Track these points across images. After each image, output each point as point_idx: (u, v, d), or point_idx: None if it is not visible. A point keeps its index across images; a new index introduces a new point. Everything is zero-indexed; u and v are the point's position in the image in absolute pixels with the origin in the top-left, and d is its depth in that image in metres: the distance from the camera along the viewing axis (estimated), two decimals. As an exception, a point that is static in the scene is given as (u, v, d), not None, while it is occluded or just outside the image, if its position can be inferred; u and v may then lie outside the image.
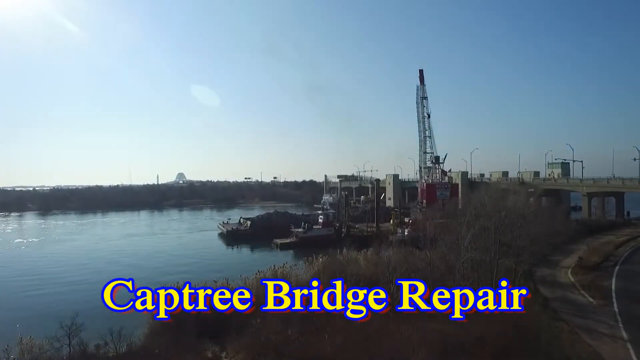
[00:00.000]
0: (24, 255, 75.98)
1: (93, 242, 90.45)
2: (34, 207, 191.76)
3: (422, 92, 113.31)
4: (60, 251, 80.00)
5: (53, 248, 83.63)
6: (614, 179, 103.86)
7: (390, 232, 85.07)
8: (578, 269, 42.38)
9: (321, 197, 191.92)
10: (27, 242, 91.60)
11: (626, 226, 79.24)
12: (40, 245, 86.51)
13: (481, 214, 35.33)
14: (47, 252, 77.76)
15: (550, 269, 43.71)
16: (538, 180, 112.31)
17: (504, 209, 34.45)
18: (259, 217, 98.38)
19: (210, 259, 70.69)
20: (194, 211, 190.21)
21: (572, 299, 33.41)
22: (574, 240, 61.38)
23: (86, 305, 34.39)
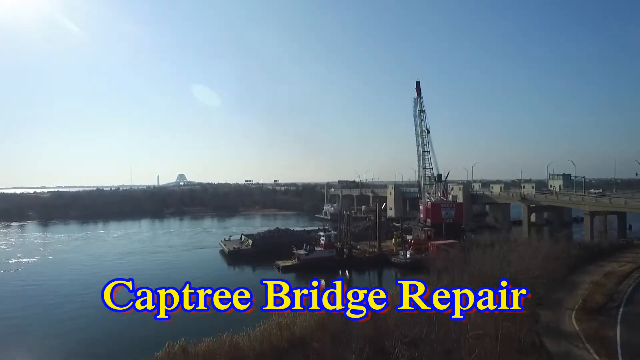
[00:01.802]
0: (8, 282, 72.68)
1: (86, 263, 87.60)
2: (34, 216, 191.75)
3: (420, 105, 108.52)
4: (49, 275, 76.41)
5: (43, 271, 79.96)
6: (615, 196, 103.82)
7: (392, 253, 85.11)
8: (582, 313, 42.26)
9: (322, 206, 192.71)
10: (21, 262, 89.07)
11: (628, 248, 79.19)
12: (30, 268, 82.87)
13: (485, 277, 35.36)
14: (33, 279, 73.64)
15: (554, 312, 43.57)
16: (539, 195, 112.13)
17: (508, 272, 34.45)
18: (260, 235, 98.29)
19: (211, 282, 69.97)
20: (194, 220, 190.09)
21: (577, 355, 33.29)
22: (577, 270, 61.49)
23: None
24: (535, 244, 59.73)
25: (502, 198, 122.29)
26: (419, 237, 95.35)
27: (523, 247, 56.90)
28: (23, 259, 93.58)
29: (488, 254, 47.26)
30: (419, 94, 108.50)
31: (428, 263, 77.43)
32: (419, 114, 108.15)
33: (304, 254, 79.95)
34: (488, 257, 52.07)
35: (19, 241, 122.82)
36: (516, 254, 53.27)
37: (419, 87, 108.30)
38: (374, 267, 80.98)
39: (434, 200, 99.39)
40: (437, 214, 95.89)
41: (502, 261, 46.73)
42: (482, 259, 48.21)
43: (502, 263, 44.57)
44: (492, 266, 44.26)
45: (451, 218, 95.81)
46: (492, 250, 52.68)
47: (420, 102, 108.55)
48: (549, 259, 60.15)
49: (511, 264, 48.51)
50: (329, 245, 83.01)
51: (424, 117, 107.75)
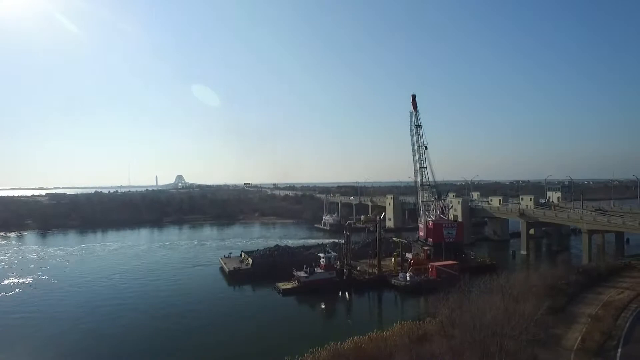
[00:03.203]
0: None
1: (80, 285, 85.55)
2: (33, 225, 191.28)
3: (416, 120, 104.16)
4: (37, 304, 73.11)
5: (30, 299, 76.60)
6: (614, 211, 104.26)
7: (392, 274, 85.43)
8: (581, 354, 42.65)
9: (321, 213, 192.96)
10: (13, 284, 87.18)
11: (627, 270, 79.70)
12: (20, 295, 79.44)
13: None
14: (21, 309, 70.46)
15: (552, 352, 43.91)
16: (538, 211, 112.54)
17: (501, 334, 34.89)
18: (260, 254, 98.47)
19: (211, 310, 69.24)
20: (193, 229, 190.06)
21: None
22: (575, 299, 61.84)
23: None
24: (534, 280, 59.68)
25: (501, 213, 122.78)
26: (418, 255, 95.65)
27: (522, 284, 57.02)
28: (16, 278, 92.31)
29: (486, 301, 46.98)
30: (415, 108, 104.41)
31: (427, 288, 78.54)
32: (415, 129, 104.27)
33: (304, 276, 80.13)
34: (486, 303, 52.48)
35: (15, 256, 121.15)
36: (516, 292, 53.78)
37: (414, 101, 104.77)
38: (374, 289, 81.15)
39: (435, 219, 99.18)
40: (438, 233, 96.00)
41: (501, 304, 47.18)
42: (480, 304, 48.17)
43: (501, 307, 44.91)
44: (492, 316, 44.53)
45: (452, 238, 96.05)
46: (491, 296, 52.57)
47: (417, 116, 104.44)
48: (549, 289, 60.97)
49: (509, 308, 48.95)
50: (329, 267, 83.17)
51: (420, 132, 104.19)
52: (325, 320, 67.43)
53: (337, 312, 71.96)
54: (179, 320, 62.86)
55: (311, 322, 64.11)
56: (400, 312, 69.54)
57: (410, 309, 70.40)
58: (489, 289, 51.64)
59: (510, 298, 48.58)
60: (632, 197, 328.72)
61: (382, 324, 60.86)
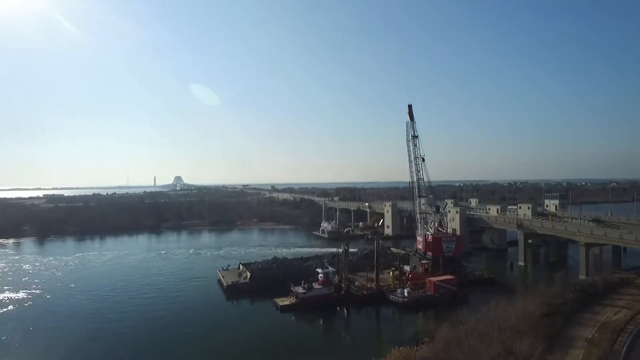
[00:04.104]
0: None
1: (72, 304, 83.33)
2: (31, 232, 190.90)
3: (413, 130, 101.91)
4: (22, 328, 70.18)
5: (15, 323, 73.36)
6: (611, 227, 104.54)
7: (390, 289, 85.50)
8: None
9: (319, 219, 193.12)
10: (2, 302, 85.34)
11: (624, 286, 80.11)
12: (8, 315, 77.97)
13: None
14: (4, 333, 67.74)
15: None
16: (536, 222, 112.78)
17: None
18: (258, 267, 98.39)
19: (209, 332, 68.28)
20: (191, 235, 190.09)
21: None
22: (572, 320, 62.04)
23: None
24: (530, 304, 59.63)
25: (499, 223, 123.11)
26: (416, 269, 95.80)
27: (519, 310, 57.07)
28: (10, 293, 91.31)
29: (483, 335, 47.15)
30: (412, 118, 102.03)
31: (425, 304, 78.78)
32: (412, 140, 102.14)
33: (302, 292, 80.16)
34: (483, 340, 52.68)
35: (10, 267, 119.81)
36: (513, 315, 54.00)
37: (411, 111, 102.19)
38: (372, 305, 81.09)
39: (434, 233, 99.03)
40: (438, 247, 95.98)
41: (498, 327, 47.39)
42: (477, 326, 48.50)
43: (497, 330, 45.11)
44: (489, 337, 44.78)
45: (452, 252, 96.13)
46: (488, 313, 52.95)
47: (413, 126, 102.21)
48: (546, 309, 61.20)
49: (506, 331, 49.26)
50: (327, 283, 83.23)
51: (417, 143, 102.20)
52: (324, 342, 66.59)
53: (335, 331, 71.67)
54: (177, 345, 62.15)
55: (309, 345, 63.22)
56: (398, 330, 69.47)
57: (408, 327, 70.39)
58: (485, 321, 51.92)
59: (507, 329, 48.67)
60: (629, 201, 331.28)
61: (380, 345, 61.16)
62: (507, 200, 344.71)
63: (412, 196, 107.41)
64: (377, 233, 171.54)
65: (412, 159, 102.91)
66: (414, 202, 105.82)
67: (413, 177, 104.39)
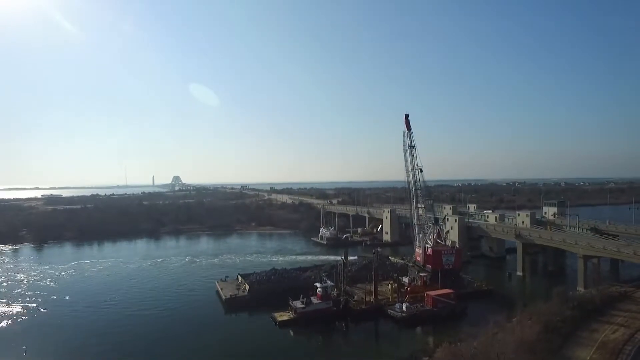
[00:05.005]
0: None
1: (62, 320, 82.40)
2: (29, 237, 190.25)
3: (410, 140, 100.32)
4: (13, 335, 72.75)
5: (10, 330, 76.31)
6: (609, 238, 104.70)
7: (389, 303, 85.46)
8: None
9: (318, 223, 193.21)
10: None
11: (622, 301, 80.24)
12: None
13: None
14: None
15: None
16: (534, 232, 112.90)
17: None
18: (257, 279, 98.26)
19: (209, 348, 68.58)
20: (190, 240, 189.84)
21: None
22: (570, 339, 62.08)
23: None
24: (526, 327, 59.53)
25: (497, 233, 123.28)
26: (415, 281, 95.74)
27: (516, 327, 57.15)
28: (3, 307, 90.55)
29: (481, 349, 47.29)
30: (409, 128, 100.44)
31: (424, 319, 78.80)
32: (409, 150, 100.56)
33: (300, 307, 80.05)
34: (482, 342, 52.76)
35: (5, 276, 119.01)
36: (510, 338, 54.00)
37: (408, 121, 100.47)
38: (371, 319, 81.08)
39: (433, 245, 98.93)
40: (437, 260, 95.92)
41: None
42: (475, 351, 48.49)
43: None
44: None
45: (451, 264, 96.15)
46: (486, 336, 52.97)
47: (410, 136, 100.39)
48: (543, 331, 61.27)
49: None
50: (326, 297, 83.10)
51: (414, 153, 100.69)
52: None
53: (333, 348, 71.45)
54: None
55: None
56: (396, 347, 69.08)
57: (407, 344, 70.01)
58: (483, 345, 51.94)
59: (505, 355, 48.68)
60: (627, 202, 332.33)
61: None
62: (505, 203, 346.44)
63: (410, 206, 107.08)
64: (375, 239, 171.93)
65: (410, 169, 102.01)
66: (412, 212, 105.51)
67: (411, 187, 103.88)
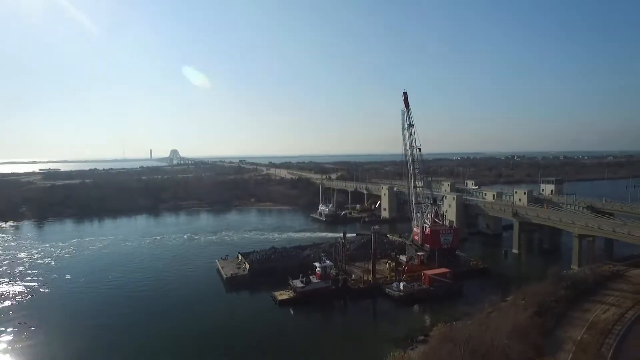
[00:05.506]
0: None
1: (61, 300, 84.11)
2: (29, 214, 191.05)
3: (408, 119, 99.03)
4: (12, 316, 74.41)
5: (10, 310, 77.79)
6: (605, 217, 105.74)
7: (386, 282, 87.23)
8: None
9: (317, 199, 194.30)
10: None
11: (614, 280, 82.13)
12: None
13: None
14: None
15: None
16: (531, 211, 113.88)
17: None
18: (257, 258, 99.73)
19: (212, 330, 70.58)
20: (189, 216, 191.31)
21: None
22: (562, 320, 63.88)
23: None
24: (519, 312, 60.81)
25: (495, 211, 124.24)
26: (412, 260, 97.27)
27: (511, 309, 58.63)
28: (6, 287, 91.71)
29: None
30: (407, 106, 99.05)
31: (421, 298, 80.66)
32: (407, 128, 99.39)
33: (300, 286, 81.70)
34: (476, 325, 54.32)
35: (6, 255, 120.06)
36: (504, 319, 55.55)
37: (406, 99, 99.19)
38: (369, 298, 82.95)
39: (431, 225, 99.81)
40: (436, 240, 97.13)
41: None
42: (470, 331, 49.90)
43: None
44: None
45: (449, 244, 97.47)
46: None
47: (409, 115, 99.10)
48: (537, 312, 62.98)
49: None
50: (325, 276, 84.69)
51: (412, 132, 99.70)
52: (322, 338, 67.97)
53: (332, 326, 73.35)
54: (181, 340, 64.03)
55: (308, 342, 64.87)
56: (394, 325, 70.61)
57: (404, 322, 71.54)
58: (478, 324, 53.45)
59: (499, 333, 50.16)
60: (625, 177, 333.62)
61: (376, 341, 63.06)
62: (503, 177, 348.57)
63: (408, 185, 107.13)
64: (374, 216, 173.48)
65: (408, 148, 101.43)
66: (409, 190, 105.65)
67: (409, 166, 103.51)
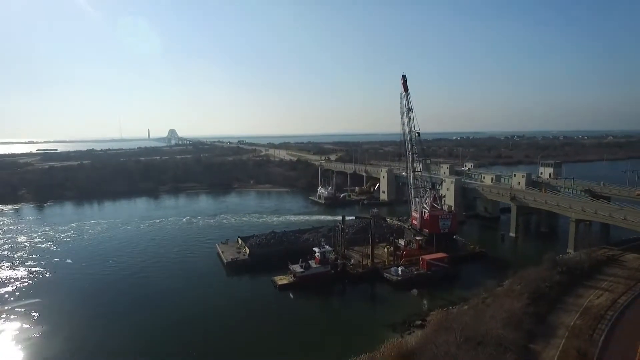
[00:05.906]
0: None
1: (60, 285, 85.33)
2: (29, 197, 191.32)
3: (407, 103, 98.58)
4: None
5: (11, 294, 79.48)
6: (602, 201, 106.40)
7: (385, 266, 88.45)
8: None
9: (316, 181, 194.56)
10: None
11: (609, 265, 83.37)
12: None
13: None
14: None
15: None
16: (529, 195, 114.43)
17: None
18: (257, 243, 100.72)
19: (214, 314, 72.05)
20: (189, 199, 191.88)
21: None
22: (556, 306, 65.23)
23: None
24: (514, 300, 61.87)
25: (493, 195, 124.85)
26: (410, 244, 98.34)
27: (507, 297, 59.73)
28: (8, 272, 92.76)
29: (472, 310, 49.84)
30: (406, 90, 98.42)
31: (418, 282, 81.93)
32: (406, 112, 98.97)
33: (299, 271, 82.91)
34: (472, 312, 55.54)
35: (6, 239, 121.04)
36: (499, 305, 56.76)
37: (405, 82, 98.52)
38: (367, 282, 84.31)
39: (430, 210, 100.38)
40: (434, 224, 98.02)
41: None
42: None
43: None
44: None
45: (447, 228, 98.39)
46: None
47: (407, 98, 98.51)
48: (532, 297, 64.28)
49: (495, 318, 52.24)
50: (324, 261, 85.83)
51: (411, 116, 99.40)
52: (322, 322, 69.71)
53: (332, 311, 74.71)
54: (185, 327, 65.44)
55: (307, 329, 66.20)
56: (392, 309, 71.94)
57: (402, 306, 72.89)
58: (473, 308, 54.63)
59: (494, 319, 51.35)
60: (624, 158, 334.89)
61: (374, 326, 64.64)
62: (502, 158, 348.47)
63: (406, 169, 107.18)
64: (372, 198, 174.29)
65: (407, 132, 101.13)
66: (408, 174, 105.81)
67: (407, 150, 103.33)
